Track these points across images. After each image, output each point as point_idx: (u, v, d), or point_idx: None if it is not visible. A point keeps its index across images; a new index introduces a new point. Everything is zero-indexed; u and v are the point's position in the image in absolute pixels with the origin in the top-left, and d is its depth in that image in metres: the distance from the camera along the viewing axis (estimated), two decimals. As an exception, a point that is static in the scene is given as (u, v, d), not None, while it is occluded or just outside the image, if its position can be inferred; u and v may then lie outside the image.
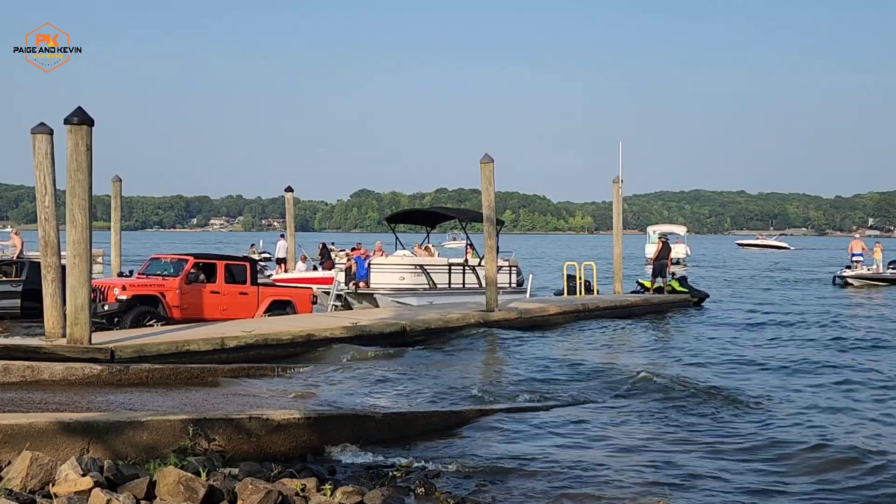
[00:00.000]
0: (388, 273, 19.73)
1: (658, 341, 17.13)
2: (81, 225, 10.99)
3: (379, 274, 19.74)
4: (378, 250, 21.09)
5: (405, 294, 19.61)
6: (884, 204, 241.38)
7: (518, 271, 23.25)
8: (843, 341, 16.92)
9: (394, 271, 19.79)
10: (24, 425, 6.43)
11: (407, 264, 20.13)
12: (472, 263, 21.40)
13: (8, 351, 11.19)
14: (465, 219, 23.06)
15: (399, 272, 19.82)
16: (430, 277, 20.21)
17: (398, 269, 19.89)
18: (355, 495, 5.92)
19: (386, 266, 19.88)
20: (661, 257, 24.42)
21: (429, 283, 20.16)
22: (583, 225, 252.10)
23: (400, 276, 19.75)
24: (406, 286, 19.72)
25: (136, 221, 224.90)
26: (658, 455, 7.89)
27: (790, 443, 8.37)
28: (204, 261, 15.90)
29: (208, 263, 15.86)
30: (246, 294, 16.02)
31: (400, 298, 19.43)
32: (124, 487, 5.57)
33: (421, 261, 20.66)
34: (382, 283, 19.61)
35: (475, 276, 21.10)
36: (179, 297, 15.06)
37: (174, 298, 15.02)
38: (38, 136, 11.85)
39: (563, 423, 9.14)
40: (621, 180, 24.71)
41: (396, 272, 19.79)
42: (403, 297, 19.50)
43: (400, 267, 19.96)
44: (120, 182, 22.65)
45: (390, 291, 19.46)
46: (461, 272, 21.04)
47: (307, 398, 10.04)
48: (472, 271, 21.24)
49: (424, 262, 20.58)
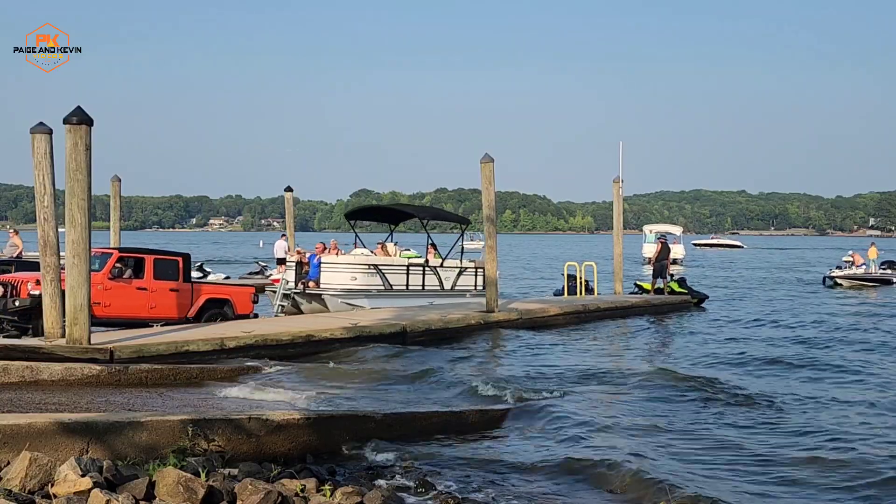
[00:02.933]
0: (339, 273, 18.47)
1: (659, 341, 17.13)
2: (80, 225, 10.97)
3: (329, 274, 18.47)
4: (333, 248, 19.92)
5: (357, 296, 18.40)
6: (885, 204, 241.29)
7: None
8: (844, 340, 16.94)
9: (345, 271, 18.51)
10: (23, 425, 6.42)
11: (360, 264, 18.85)
12: (434, 264, 20.35)
13: (7, 351, 11.17)
14: (426, 217, 21.83)
15: (351, 272, 18.56)
16: (385, 278, 18.99)
17: (350, 268, 18.61)
18: (355, 496, 5.90)
19: (337, 265, 18.61)
20: (661, 258, 24.41)
21: (384, 285, 18.96)
22: (583, 225, 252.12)
23: (352, 276, 18.49)
24: (358, 287, 18.45)
25: (136, 221, 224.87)
26: (660, 454, 7.87)
27: (799, 439, 8.37)
28: (131, 255, 14.76)
29: (135, 258, 14.67)
30: (177, 291, 14.89)
31: (351, 300, 18.29)
32: (123, 488, 5.56)
33: (375, 260, 19.34)
34: (332, 284, 18.34)
35: (436, 277, 20.16)
36: (102, 293, 13.84)
37: (96, 295, 13.57)
38: (37, 135, 11.83)
39: (563, 423, 9.12)
40: (621, 180, 24.70)
41: (348, 272, 18.52)
42: (355, 299, 18.36)
43: (352, 266, 18.68)
44: (119, 182, 22.64)
45: (340, 292, 18.22)
46: (420, 273, 19.88)
47: (306, 397, 10.02)
48: (433, 272, 20.16)
49: (379, 262, 19.26)
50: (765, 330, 19.13)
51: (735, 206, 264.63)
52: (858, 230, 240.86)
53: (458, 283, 20.68)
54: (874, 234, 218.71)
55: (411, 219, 22.33)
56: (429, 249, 21.30)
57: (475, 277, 21.15)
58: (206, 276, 30.42)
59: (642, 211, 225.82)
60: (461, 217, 23.54)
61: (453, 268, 20.69)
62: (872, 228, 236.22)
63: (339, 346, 13.90)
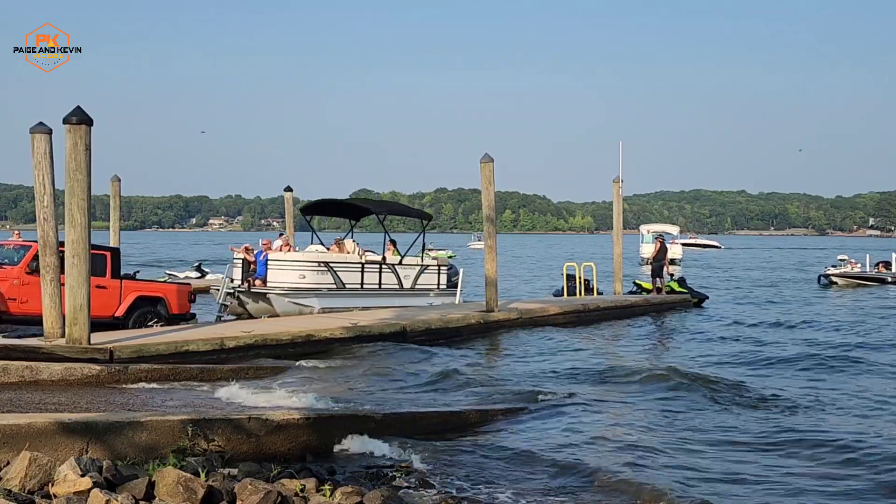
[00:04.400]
0: (287, 271, 17.35)
1: (659, 341, 17.13)
2: (80, 225, 10.96)
3: (276, 271, 17.33)
4: (285, 245, 19.02)
5: (306, 295, 17.32)
6: (884, 204, 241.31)
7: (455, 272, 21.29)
8: (846, 339, 16.95)
9: (293, 269, 17.36)
10: (22, 425, 6.41)
11: (309, 261, 17.70)
12: (392, 262, 19.30)
13: (7, 351, 11.16)
14: (383, 212, 20.43)
15: (299, 269, 17.39)
16: (337, 277, 17.84)
17: (298, 266, 17.44)
18: (355, 496, 5.89)
19: (284, 262, 17.46)
20: (659, 258, 24.44)
21: (336, 283, 17.85)
22: (583, 225, 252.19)
23: (300, 274, 17.34)
24: (307, 286, 17.35)
25: (135, 221, 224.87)
26: (662, 453, 7.86)
27: (805, 436, 8.39)
28: None
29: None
30: (105, 288, 13.94)
31: (299, 300, 17.23)
32: (123, 488, 5.56)
33: (326, 257, 18.13)
34: (279, 282, 17.23)
35: (395, 276, 19.14)
36: (18, 289, 13.28)
37: (11, 290, 13.20)
38: (36, 135, 11.83)
39: (564, 423, 9.13)
40: (621, 180, 24.71)
41: (296, 269, 17.37)
42: (303, 299, 17.29)
43: (300, 264, 17.50)
44: (119, 182, 22.65)
45: (288, 291, 17.11)
46: (377, 272, 18.75)
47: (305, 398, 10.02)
48: (390, 271, 19.10)
49: (331, 260, 18.07)
50: (766, 329, 19.12)
51: (735, 206, 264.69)
52: (858, 230, 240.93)
53: (420, 281, 19.64)
54: (874, 234, 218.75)
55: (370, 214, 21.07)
56: (387, 246, 20.24)
57: (438, 276, 20.17)
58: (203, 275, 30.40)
59: (642, 211, 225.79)
60: (422, 212, 22.48)
61: (413, 266, 19.63)
62: (872, 228, 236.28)
63: (339, 345, 13.91)
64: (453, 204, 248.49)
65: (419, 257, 20.16)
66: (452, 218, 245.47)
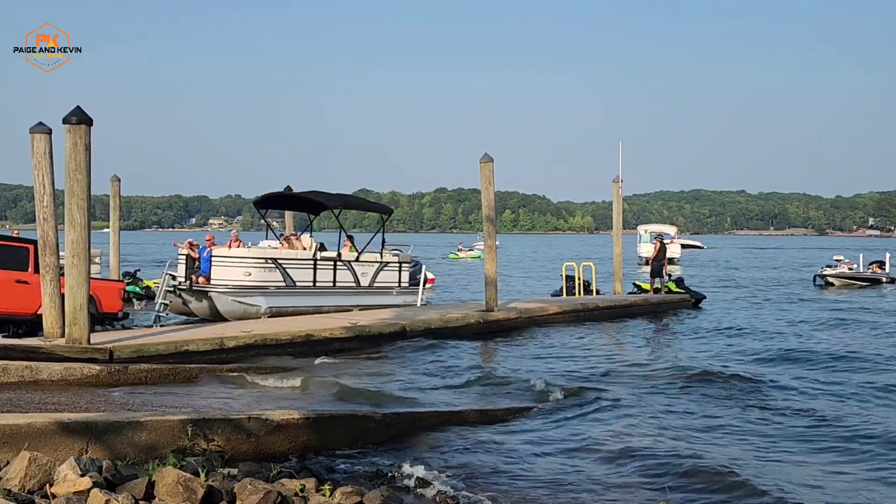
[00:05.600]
0: (231, 268, 16.25)
1: (659, 340, 17.13)
2: (80, 225, 10.96)
3: (220, 268, 16.24)
4: (234, 240, 17.87)
5: (251, 293, 16.26)
6: (884, 204, 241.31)
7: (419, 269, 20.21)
8: (847, 337, 16.98)
9: (238, 265, 16.27)
10: (22, 425, 6.41)
11: (255, 257, 16.66)
12: (349, 258, 18.28)
13: (6, 351, 11.15)
14: (338, 205, 19.15)
15: (244, 266, 16.35)
16: (286, 274, 16.85)
17: (243, 262, 16.40)
18: (354, 496, 5.90)
19: (228, 259, 16.41)
20: (658, 258, 24.45)
21: (285, 281, 16.83)
22: (583, 225, 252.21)
23: (245, 271, 16.30)
24: (252, 283, 16.30)
25: (135, 221, 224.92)
26: (662, 454, 7.84)
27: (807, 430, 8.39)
28: None
29: None
30: (27, 283, 13.14)
31: (244, 299, 16.15)
32: (123, 488, 5.56)
33: (274, 254, 17.08)
34: (223, 280, 16.19)
35: (351, 273, 18.11)
36: None
37: None
38: (36, 135, 11.82)
39: (564, 423, 9.12)
40: (621, 180, 24.71)
41: (241, 266, 16.30)
42: (248, 297, 16.23)
43: (245, 260, 16.46)
44: (119, 182, 22.63)
45: (231, 290, 16.07)
46: (331, 269, 17.74)
47: (306, 397, 10.02)
48: (346, 268, 18.05)
49: (280, 256, 17.00)
50: (766, 329, 19.12)
51: (735, 206, 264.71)
52: (858, 230, 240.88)
53: (379, 279, 18.70)
54: (874, 234, 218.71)
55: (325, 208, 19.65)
56: (344, 242, 19.23)
57: (399, 273, 19.19)
58: None
59: (642, 211, 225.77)
60: (382, 206, 21.45)
61: (371, 263, 18.67)
62: (872, 228, 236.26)
63: (339, 345, 13.92)
64: (453, 204, 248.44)
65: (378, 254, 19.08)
66: (452, 218, 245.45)
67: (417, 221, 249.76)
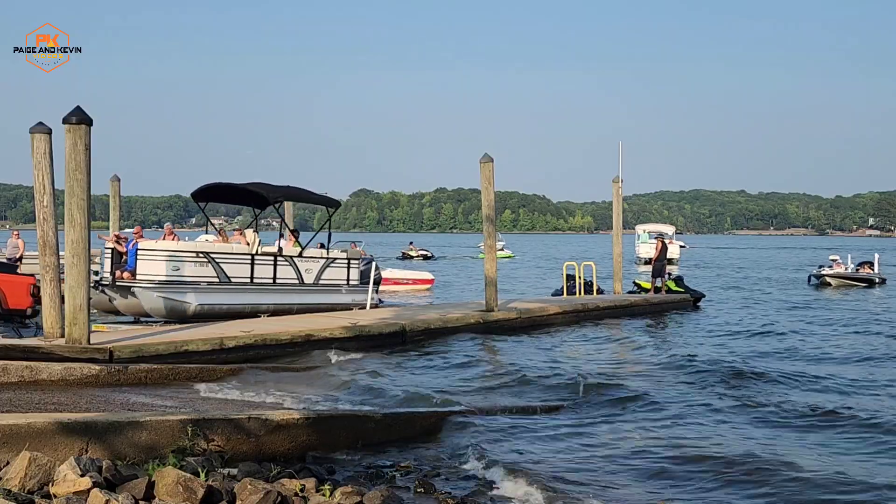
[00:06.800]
0: (158, 261, 15.24)
1: (661, 339, 17.12)
2: (80, 225, 10.95)
3: (146, 262, 15.28)
4: (168, 234, 17.08)
5: (180, 289, 15.24)
6: (884, 204, 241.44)
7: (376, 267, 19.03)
8: (847, 335, 17.01)
9: (165, 259, 15.18)
10: (22, 425, 6.41)
11: (184, 251, 15.62)
12: (291, 253, 17.39)
13: (6, 351, 11.15)
14: (278, 196, 18.11)
15: (173, 260, 15.32)
16: (220, 269, 15.80)
17: (171, 255, 15.35)
18: (354, 496, 5.89)
19: (155, 252, 15.43)
20: (660, 258, 24.46)
21: (218, 277, 15.80)
22: (582, 225, 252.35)
23: (174, 265, 15.27)
24: (181, 278, 15.30)
25: (135, 221, 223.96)
26: (661, 455, 7.84)
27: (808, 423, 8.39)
28: None
29: None
30: None
31: (171, 294, 15.13)
32: (123, 488, 5.55)
33: (206, 247, 16.14)
34: (148, 274, 15.22)
35: (294, 269, 17.19)
36: None
37: None
38: (36, 135, 11.82)
39: (564, 423, 9.12)
40: (621, 180, 24.71)
41: (169, 260, 15.27)
42: (177, 294, 15.22)
43: (174, 254, 15.43)
44: (119, 181, 22.62)
45: (158, 285, 15.11)
46: (271, 264, 16.78)
47: (306, 397, 10.02)
48: (288, 264, 17.09)
49: (212, 250, 15.99)
50: (768, 328, 19.12)
51: (734, 206, 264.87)
52: (858, 230, 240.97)
53: (325, 276, 17.84)
54: (873, 233, 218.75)
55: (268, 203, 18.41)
56: (288, 237, 18.33)
57: (347, 270, 18.20)
58: None
59: (642, 211, 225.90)
60: (327, 198, 20.12)
61: (316, 259, 17.80)
62: (872, 228, 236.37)
63: (339, 345, 13.92)
64: (453, 204, 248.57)
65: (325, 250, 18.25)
66: (452, 218, 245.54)
67: (417, 221, 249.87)
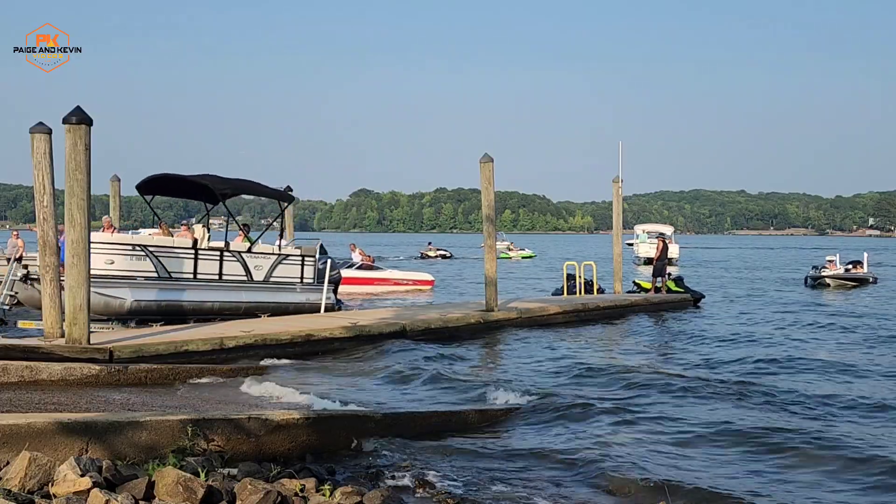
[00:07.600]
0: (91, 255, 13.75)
1: (661, 339, 17.10)
2: (80, 225, 10.96)
3: None
4: (107, 227, 16.36)
5: (115, 284, 14.25)
6: (884, 204, 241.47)
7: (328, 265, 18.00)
8: (847, 336, 16.99)
9: (98, 252, 13.81)
10: (22, 425, 6.40)
11: (119, 243, 14.67)
12: (240, 248, 16.50)
13: (6, 350, 11.16)
14: (227, 189, 17.15)
15: (106, 254, 14.29)
16: (159, 264, 14.86)
17: (105, 249, 14.32)
18: (354, 495, 5.89)
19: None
20: (661, 258, 24.48)
21: (157, 272, 14.84)
22: (582, 225, 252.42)
23: (107, 259, 14.26)
24: (116, 273, 14.31)
25: (135, 221, 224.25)
26: (661, 455, 7.85)
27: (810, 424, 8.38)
28: None
29: None
30: None
31: (104, 290, 14.02)
32: (123, 488, 5.55)
33: (144, 240, 15.24)
34: None
35: (242, 266, 16.31)
36: None
37: None
38: (36, 135, 11.82)
39: (564, 423, 9.11)
40: (621, 180, 24.72)
41: (102, 253, 14.16)
42: (110, 289, 14.19)
43: (107, 247, 14.42)
44: (119, 181, 22.67)
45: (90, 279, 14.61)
46: (216, 260, 15.84)
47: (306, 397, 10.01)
48: (235, 259, 16.19)
49: (151, 244, 15.07)
50: (768, 328, 19.12)
51: (734, 206, 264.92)
52: (858, 230, 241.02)
53: (276, 274, 16.95)
54: (873, 233, 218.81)
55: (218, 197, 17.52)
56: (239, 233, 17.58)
57: (301, 268, 17.36)
58: None
59: (642, 211, 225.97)
60: (280, 192, 19.10)
61: (267, 255, 16.93)
62: (872, 228, 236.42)
63: (339, 345, 13.93)
64: (453, 204, 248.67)
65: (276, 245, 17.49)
66: (452, 218, 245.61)
67: (417, 221, 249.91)
